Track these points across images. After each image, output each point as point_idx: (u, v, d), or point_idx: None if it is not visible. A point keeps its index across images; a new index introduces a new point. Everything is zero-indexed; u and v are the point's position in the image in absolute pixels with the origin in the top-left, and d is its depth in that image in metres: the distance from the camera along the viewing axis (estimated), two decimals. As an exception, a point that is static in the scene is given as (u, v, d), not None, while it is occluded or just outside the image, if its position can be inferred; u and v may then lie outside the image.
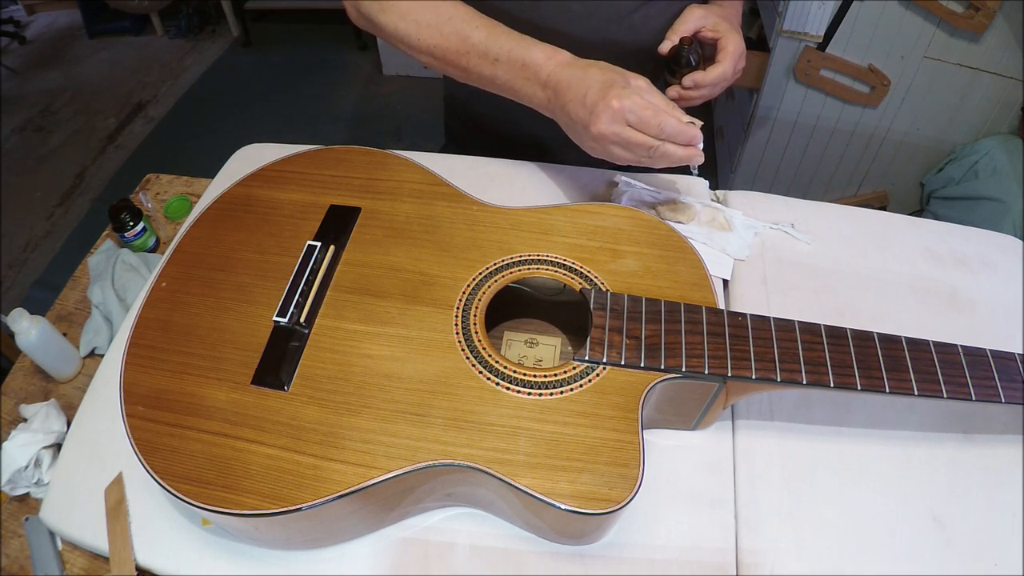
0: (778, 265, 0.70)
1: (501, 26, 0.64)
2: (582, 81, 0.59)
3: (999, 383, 0.51)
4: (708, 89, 0.68)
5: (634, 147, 0.58)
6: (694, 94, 0.68)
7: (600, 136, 0.58)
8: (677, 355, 0.51)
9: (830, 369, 0.50)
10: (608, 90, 0.57)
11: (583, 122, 0.59)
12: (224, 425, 0.49)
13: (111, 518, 0.54)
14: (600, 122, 0.57)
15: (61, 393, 0.69)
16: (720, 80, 0.67)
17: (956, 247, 0.73)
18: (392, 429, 0.48)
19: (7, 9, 3.08)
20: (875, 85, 1.57)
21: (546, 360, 0.63)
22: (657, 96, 0.59)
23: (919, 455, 0.57)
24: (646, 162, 0.60)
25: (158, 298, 0.57)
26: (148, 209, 0.87)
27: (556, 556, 0.52)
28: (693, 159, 0.59)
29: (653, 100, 0.58)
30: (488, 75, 0.64)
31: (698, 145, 0.59)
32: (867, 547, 0.52)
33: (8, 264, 2.03)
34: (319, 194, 0.64)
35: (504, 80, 0.64)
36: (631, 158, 0.59)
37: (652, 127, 0.57)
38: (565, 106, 0.60)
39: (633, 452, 0.46)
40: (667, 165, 0.60)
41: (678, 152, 0.58)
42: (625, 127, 0.57)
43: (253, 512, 0.44)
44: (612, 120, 0.57)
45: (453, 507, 0.54)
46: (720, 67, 0.67)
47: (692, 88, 0.68)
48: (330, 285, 0.57)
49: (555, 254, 0.59)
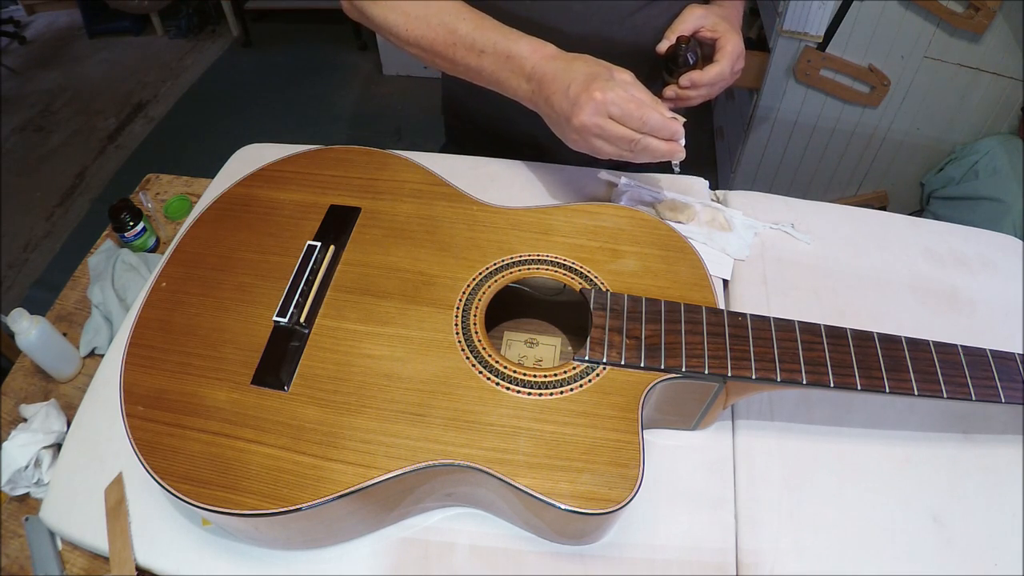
0: (778, 265, 0.70)
1: (489, 19, 0.64)
2: (566, 73, 0.59)
3: (999, 383, 0.51)
4: (706, 89, 0.68)
5: (616, 140, 0.58)
6: (691, 93, 0.68)
7: (582, 127, 0.58)
8: (677, 355, 0.51)
9: (830, 369, 0.50)
10: (592, 82, 0.57)
11: (565, 114, 0.59)
12: (224, 425, 0.49)
13: (111, 518, 0.54)
14: (583, 113, 0.57)
15: (61, 393, 0.69)
16: (718, 80, 0.67)
17: (956, 247, 0.73)
18: (392, 429, 0.48)
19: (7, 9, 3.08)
20: (875, 85, 1.57)
21: (546, 360, 0.63)
22: (641, 90, 0.59)
23: (919, 455, 0.57)
24: (627, 156, 0.59)
25: (158, 298, 0.57)
26: (148, 209, 0.87)
27: (556, 556, 0.52)
28: (675, 154, 0.59)
29: (636, 94, 0.58)
30: (475, 67, 0.64)
31: (680, 141, 0.59)
32: (867, 547, 0.52)
33: (8, 264, 2.03)
34: (319, 194, 0.64)
35: (490, 72, 0.64)
36: (613, 151, 0.59)
37: (635, 120, 0.57)
38: (549, 98, 0.60)
39: (633, 452, 0.46)
40: (649, 160, 0.60)
41: (660, 147, 0.58)
42: (607, 119, 0.57)
43: (253, 512, 0.44)
44: (595, 112, 0.57)
45: (453, 507, 0.54)
46: (718, 67, 0.67)
47: (689, 88, 0.68)
48: (330, 285, 0.57)
49: (555, 254, 0.59)
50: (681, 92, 0.68)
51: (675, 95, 0.69)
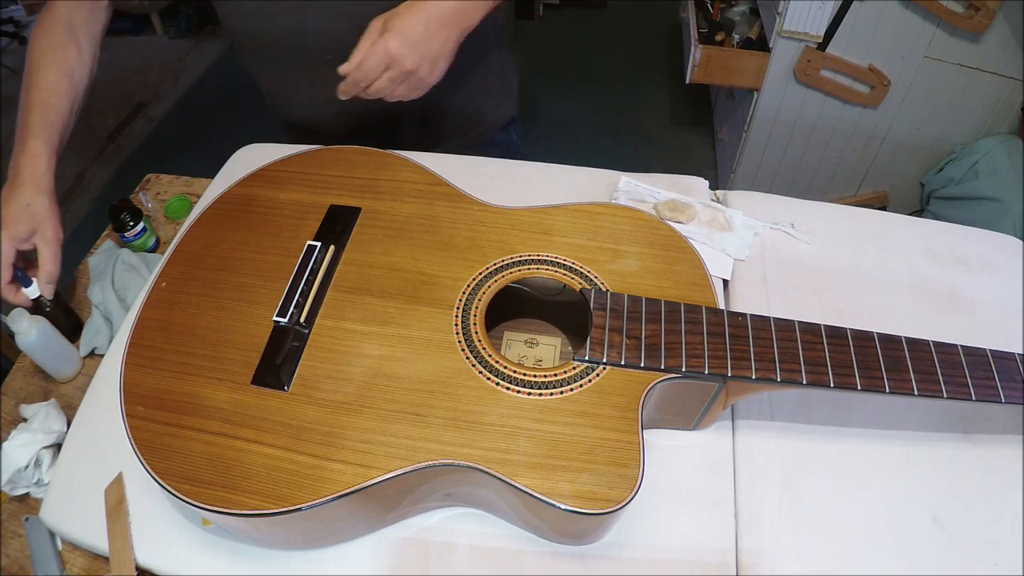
0: (778, 265, 0.70)
1: (43, 108, 0.69)
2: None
3: (999, 383, 0.51)
4: (352, 77, 0.62)
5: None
6: (345, 88, 0.63)
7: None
8: (677, 355, 0.51)
9: (830, 369, 0.50)
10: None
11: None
12: (224, 425, 0.49)
13: (111, 518, 0.54)
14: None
15: (61, 393, 0.69)
16: (361, 66, 0.61)
17: (956, 247, 0.73)
18: (392, 429, 0.48)
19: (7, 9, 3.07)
20: (875, 85, 1.57)
21: (546, 360, 0.63)
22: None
23: (919, 455, 0.57)
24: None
25: (158, 298, 0.57)
26: (148, 209, 0.87)
27: (556, 556, 0.52)
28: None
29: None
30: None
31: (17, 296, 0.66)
32: (867, 547, 0.52)
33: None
34: (319, 194, 0.64)
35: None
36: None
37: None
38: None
39: (633, 452, 0.46)
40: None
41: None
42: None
43: (253, 512, 0.44)
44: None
45: (453, 507, 0.54)
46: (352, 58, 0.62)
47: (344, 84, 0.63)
48: (330, 285, 0.57)
49: (555, 254, 0.59)
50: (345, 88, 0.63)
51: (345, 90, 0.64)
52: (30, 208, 0.65)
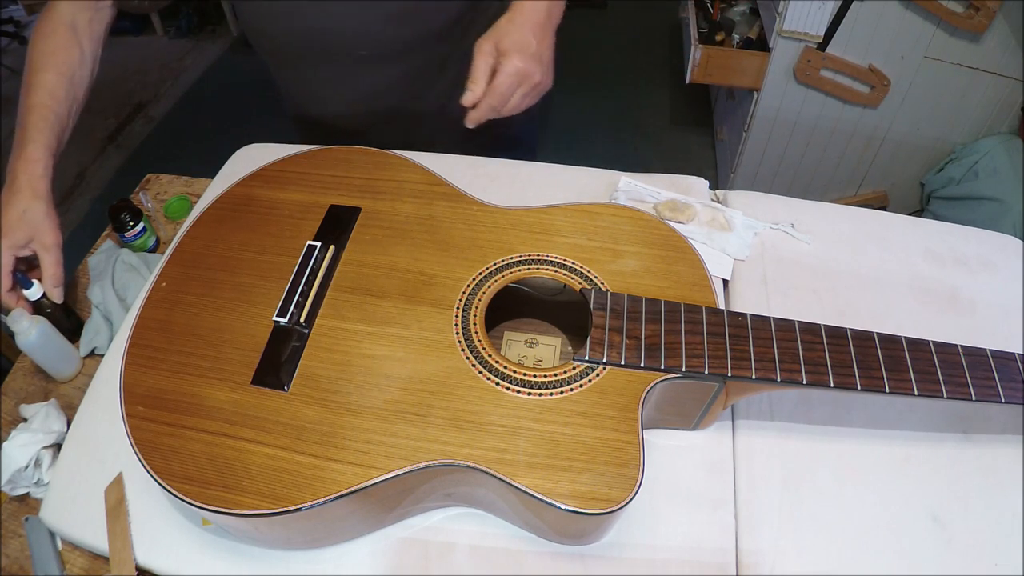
0: (778, 265, 0.70)
1: (42, 111, 0.69)
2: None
3: (999, 383, 0.51)
4: (488, 101, 0.62)
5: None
6: (474, 115, 0.63)
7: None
8: (677, 355, 0.51)
9: (830, 369, 0.50)
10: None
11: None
12: (224, 425, 0.49)
13: (111, 518, 0.54)
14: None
15: (61, 393, 0.69)
16: (497, 88, 0.61)
17: (956, 247, 0.73)
18: (392, 429, 0.48)
19: (7, 9, 3.07)
20: (875, 85, 1.57)
21: (546, 360, 0.63)
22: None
23: (919, 455, 0.57)
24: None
25: (158, 298, 0.57)
26: (148, 209, 0.87)
27: (556, 556, 0.52)
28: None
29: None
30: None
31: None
32: (867, 547, 0.52)
33: (8, 264, 2.03)
34: (319, 194, 0.64)
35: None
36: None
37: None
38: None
39: (633, 452, 0.46)
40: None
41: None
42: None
43: (253, 512, 0.44)
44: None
45: (453, 507, 0.54)
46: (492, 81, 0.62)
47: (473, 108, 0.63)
48: (330, 285, 0.57)
49: (555, 254, 0.59)
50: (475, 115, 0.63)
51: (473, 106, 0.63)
52: (27, 215, 0.66)
